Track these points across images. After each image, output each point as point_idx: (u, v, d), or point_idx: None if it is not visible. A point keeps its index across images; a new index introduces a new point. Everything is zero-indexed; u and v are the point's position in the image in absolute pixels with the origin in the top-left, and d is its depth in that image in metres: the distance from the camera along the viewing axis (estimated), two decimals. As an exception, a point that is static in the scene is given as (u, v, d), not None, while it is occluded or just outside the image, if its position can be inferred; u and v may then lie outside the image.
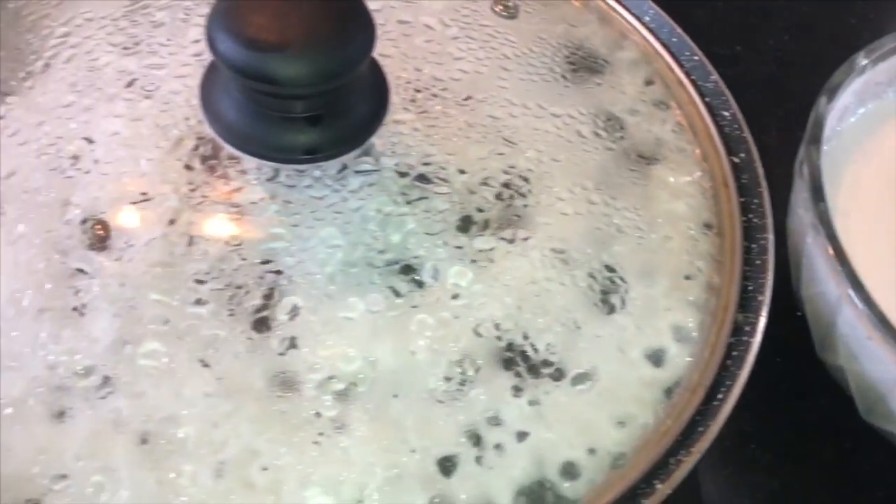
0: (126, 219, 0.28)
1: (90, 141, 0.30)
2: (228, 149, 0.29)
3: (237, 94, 0.28)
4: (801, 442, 0.36)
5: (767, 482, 0.35)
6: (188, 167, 0.29)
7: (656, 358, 0.29)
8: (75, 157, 0.29)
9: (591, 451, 0.28)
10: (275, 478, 0.26)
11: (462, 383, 0.27)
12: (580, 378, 0.28)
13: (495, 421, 0.27)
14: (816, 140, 0.33)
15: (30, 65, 0.32)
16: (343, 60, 0.27)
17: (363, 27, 0.27)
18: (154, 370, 0.27)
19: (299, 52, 0.26)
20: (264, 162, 0.28)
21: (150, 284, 0.27)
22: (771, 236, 0.32)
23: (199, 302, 0.27)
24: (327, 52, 0.27)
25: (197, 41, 0.32)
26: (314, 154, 0.29)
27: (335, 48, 0.27)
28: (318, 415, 0.27)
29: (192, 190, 0.28)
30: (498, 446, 0.27)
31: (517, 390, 0.28)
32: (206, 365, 0.27)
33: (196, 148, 0.29)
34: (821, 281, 0.31)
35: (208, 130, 0.29)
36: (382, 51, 0.32)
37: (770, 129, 0.47)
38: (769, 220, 0.32)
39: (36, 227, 0.28)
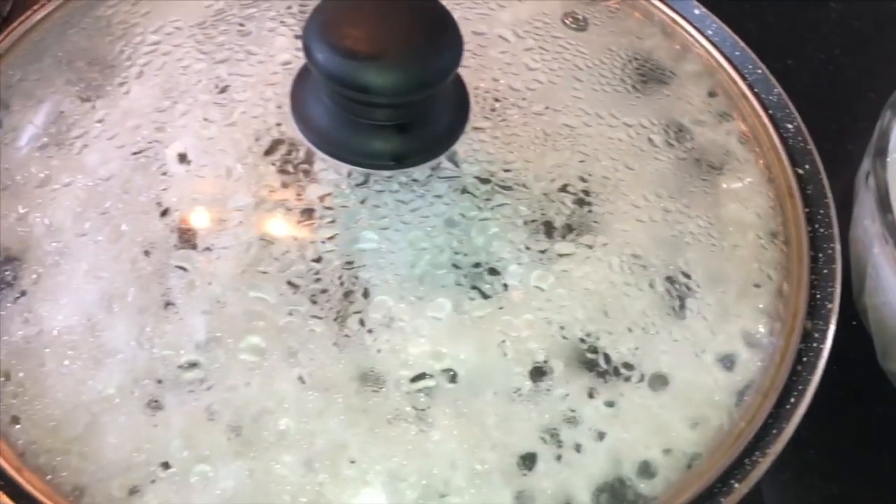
0: (221, 220, 0.29)
1: (185, 145, 0.31)
2: (320, 154, 0.30)
3: (329, 102, 0.29)
4: (859, 448, 0.37)
5: (826, 487, 0.36)
6: (281, 171, 0.30)
7: (728, 362, 0.30)
8: (171, 160, 0.31)
9: (667, 452, 0.28)
10: (362, 470, 0.27)
11: (542, 383, 0.28)
12: (655, 380, 0.29)
13: (574, 420, 0.28)
14: (882, 153, 0.33)
15: (124, 70, 0.33)
16: (433, 71, 0.28)
17: (452, 40, 0.28)
18: (248, 365, 0.28)
19: (393, 62, 0.27)
20: (354, 168, 0.30)
21: (246, 283, 0.28)
22: (838, 246, 0.33)
23: (292, 301, 0.28)
24: (419, 63, 0.28)
25: (283, 50, 0.33)
26: (402, 160, 0.30)
27: (426, 59, 0.28)
28: (404, 411, 0.28)
29: (286, 193, 0.30)
30: (576, 445, 0.28)
31: (595, 391, 0.29)
32: (298, 361, 0.28)
33: (288, 153, 0.30)
34: (887, 290, 0.32)
35: (299, 136, 0.30)
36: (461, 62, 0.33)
37: (822, 141, 0.48)
38: (835, 231, 0.33)
39: (136, 227, 0.29)
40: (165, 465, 0.27)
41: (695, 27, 0.39)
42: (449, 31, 0.28)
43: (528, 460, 0.28)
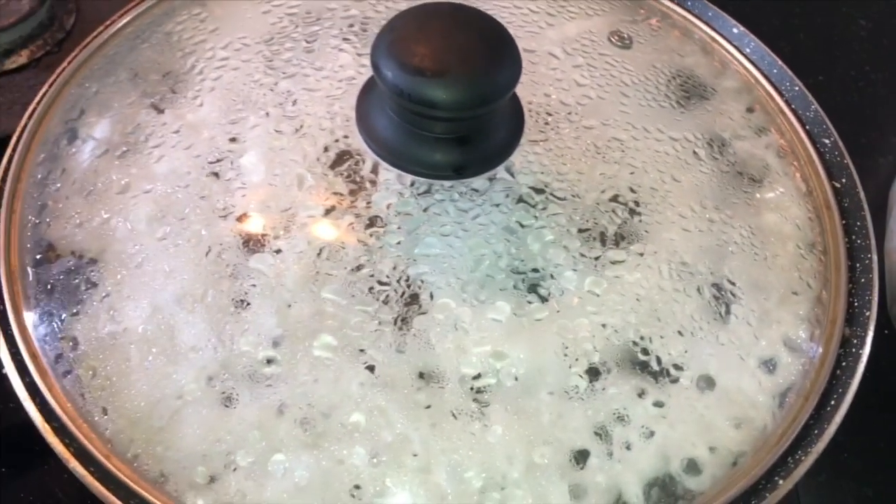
0: (293, 225, 0.31)
1: (257, 154, 0.33)
2: (384, 165, 0.32)
3: (393, 115, 0.31)
4: (892, 453, 0.38)
5: (860, 489, 0.37)
6: (348, 180, 0.32)
7: (770, 365, 0.32)
8: (244, 169, 0.32)
9: (713, 450, 0.30)
10: (424, 463, 0.29)
11: (596, 384, 0.30)
12: (702, 382, 0.31)
13: (624, 419, 0.30)
14: (916, 168, 0.35)
15: (197, 84, 0.35)
16: (495, 88, 0.30)
17: (512, 58, 0.30)
18: (320, 363, 0.30)
19: (457, 79, 0.29)
20: (418, 178, 0.31)
21: (317, 285, 0.30)
22: (874, 256, 0.34)
23: (361, 301, 0.30)
24: (482, 80, 0.29)
25: (347, 66, 0.35)
26: (462, 171, 0.31)
27: (488, 77, 0.30)
28: (466, 407, 0.29)
29: (353, 201, 0.31)
30: (627, 442, 0.30)
31: (644, 392, 0.30)
32: (366, 359, 0.29)
33: (355, 163, 0.32)
34: (921, 299, 0.34)
35: (364, 148, 0.32)
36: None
37: (852, 155, 0.49)
38: (872, 242, 0.35)
39: (212, 231, 0.31)
40: (244, 455, 0.28)
41: (733, 45, 0.40)
42: (509, 50, 0.30)
43: (582, 456, 0.29)
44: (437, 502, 0.28)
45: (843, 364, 0.32)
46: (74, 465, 0.28)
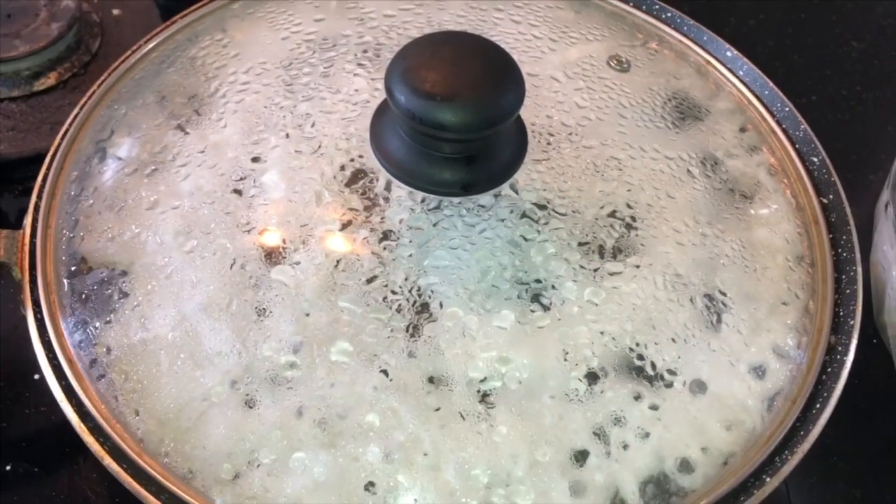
0: (311, 239, 0.33)
1: (277, 173, 0.35)
2: (396, 183, 0.34)
3: (406, 136, 0.33)
4: (880, 456, 0.40)
5: (849, 490, 0.39)
6: (363, 197, 0.34)
7: (760, 371, 0.33)
8: (266, 186, 0.35)
9: (705, 450, 0.32)
10: (434, 461, 0.31)
11: (595, 387, 0.32)
12: (695, 386, 0.33)
13: (621, 421, 0.32)
14: (899, 185, 0.37)
15: (221, 106, 0.37)
16: (500, 111, 0.32)
17: (516, 83, 0.32)
18: (335, 367, 0.32)
19: (466, 103, 0.31)
20: (428, 195, 0.34)
21: (334, 295, 0.32)
22: (860, 268, 0.36)
23: (375, 309, 0.32)
24: (488, 104, 0.32)
25: (359, 90, 0.37)
26: (469, 189, 0.34)
27: (495, 101, 0.32)
28: (473, 409, 0.31)
29: (368, 217, 0.34)
30: (623, 442, 0.31)
31: (639, 395, 0.32)
32: (380, 364, 0.32)
33: (370, 181, 0.34)
34: (904, 309, 0.36)
35: (378, 167, 0.34)
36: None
37: (844, 171, 0.51)
38: (857, 255, 0.36)
39: (236, 245, 0.33)
40: (266, 453, 0.30)
41: (727, 68, 0.43)
42: (513, 76, 0.32)
43: (582, 455, 0.31)
44: (446, 498, 0.30)
45: (829, 370, 0.34)
46: (109, 462, 0.30)
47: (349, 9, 0.41)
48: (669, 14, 0.44)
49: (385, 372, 0.31)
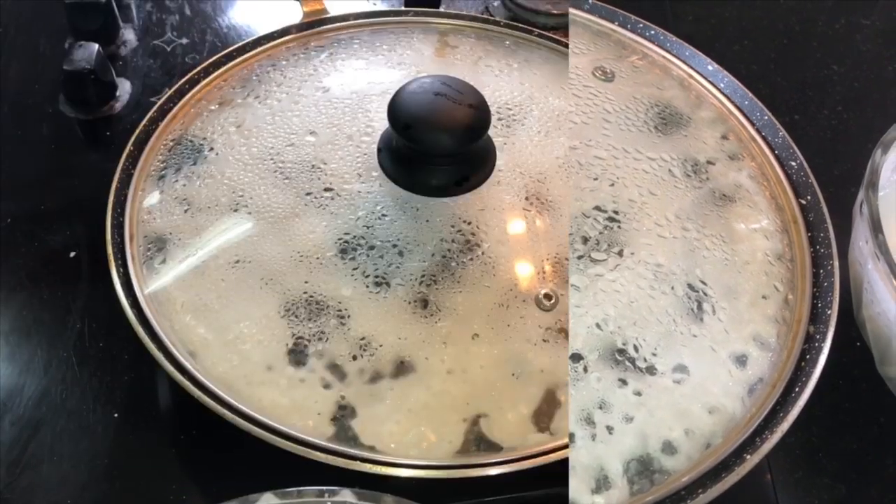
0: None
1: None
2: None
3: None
4: (864, 452, 0.40)
5: (834, 486, 0.39)
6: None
7: (741, 359, 0.35)
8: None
9: (688, 433, 0.33)
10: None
11: (579, 373, 0.33)
12: (677, 372, 0.34)
13: (605, 406, 0.33)
14: (874, 185, 0.38)
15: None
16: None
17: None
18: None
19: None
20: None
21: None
22: (836, 262, 0.37)
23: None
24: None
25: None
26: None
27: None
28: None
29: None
30: (608, 427, 0.32)
31: (624, 381, 0.33)
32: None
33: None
34: (881, 301, 0.37)
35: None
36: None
37: (826, 185, 0.53)
38: (834, 250, 0.38)
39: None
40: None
41: (709, 80, 0.44)
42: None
43: (569, 438, 0.32)
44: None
45: (808, 357, 0.35)
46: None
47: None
48: (653, 32, 0.46)
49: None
